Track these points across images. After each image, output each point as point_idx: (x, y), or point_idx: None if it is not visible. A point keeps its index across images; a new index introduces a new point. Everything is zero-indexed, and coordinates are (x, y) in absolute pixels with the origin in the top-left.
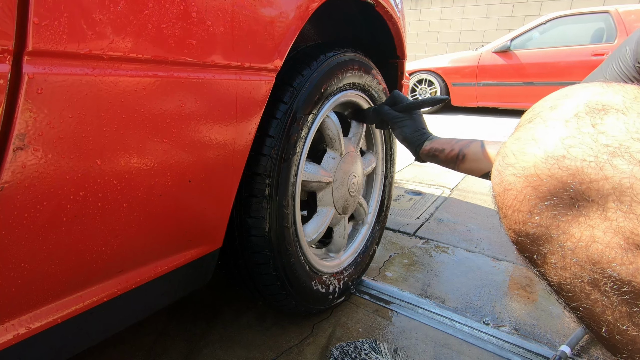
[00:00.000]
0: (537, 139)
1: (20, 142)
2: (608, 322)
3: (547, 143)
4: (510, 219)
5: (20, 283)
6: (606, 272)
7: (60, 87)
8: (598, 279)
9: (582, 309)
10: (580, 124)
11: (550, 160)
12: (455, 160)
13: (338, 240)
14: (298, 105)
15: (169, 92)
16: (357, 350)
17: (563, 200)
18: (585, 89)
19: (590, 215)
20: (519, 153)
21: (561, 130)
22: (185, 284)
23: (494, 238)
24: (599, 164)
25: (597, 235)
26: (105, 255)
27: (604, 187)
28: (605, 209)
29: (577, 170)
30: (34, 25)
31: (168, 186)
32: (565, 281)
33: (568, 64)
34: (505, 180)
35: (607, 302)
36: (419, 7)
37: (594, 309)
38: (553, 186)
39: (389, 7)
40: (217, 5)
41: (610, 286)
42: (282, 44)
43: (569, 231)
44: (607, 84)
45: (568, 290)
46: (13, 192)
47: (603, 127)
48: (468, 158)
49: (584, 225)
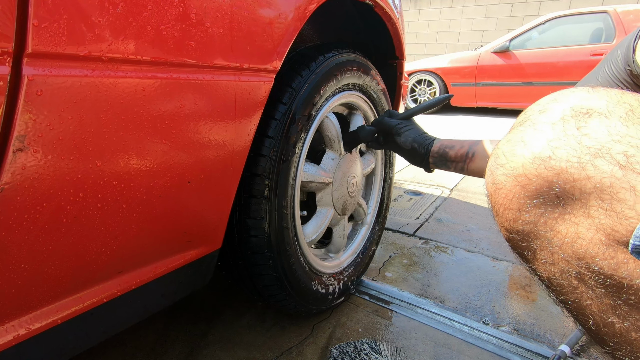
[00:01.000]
0: (525, 141)
1: (20, 144)
2: (594, 315)
3: (534, 145)
4: (502, 216)
5: (20, 284)
6: (590, 267)
7: (60, 88)
8: (584, 273)
9: (570, 303)
10: (566, 127)
11: (537, 160)
12: (465, 159)
13: (337, 240)
14: (297, 106)
15: (168, 93)
16: (356, 351)
17: (550, 199)
18: (573, 93)
19: (574, 212)
20: (509, 154)
21: (548, 132)
22: (185, 285)
23: (493, 238)
24: (582, 164)
25: (581, 232)
26: (105, 256)
27: (586, 186)
28: (588, 207)
29: (562, 170)
30: (34, 27)
31: (167, 187)
32: (554, 276)
33: (567, 63)
34: (496, 179)
35: (592, 295)
36: (418, 8)
37: (581, 302)
38: (540, 185)
39: (387, 8)
40: (216, 7)
41: (595, 280)
42: (281, 45)
43: (556, 228)
44: (593, 88)
45: (557, 285)
46: (13, 193)
47: (587, 129)
48: (477, 155)
49: (569, 222)
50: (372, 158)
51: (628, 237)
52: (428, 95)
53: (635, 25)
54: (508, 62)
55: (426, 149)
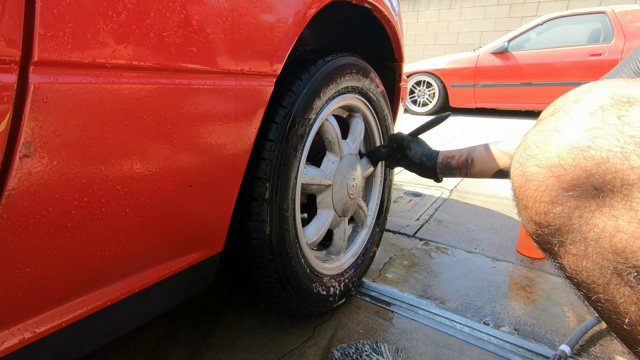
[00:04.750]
0: (561, 130)
1: (26, 150)
2: (631, 313)
3: (571, 134)
4: (532, 209)
5: (26, 288)
6: (630, 262)
7: (65, 95)
8: (622, 268)
9: (603, 301)
10: (606, 116)
11: (575, 150)
12: (466, 165)
13: (338, 242)
14: (297, 109)
15: (170, 99)
16: (358, 352)
17: (586, 191)
18: (609, 83)
19: (614, 205)
20: (542, 144)
21: (586, 121)
22: (187, 288)
23: (493, 239)
24: (625, 154)
25: (621, 225)
26: (109, 260)
27: (630, 177)
28: (630, 199)
29: (603, 160)
30: (40, 37)
31: (170, 191)
32: (586, 271)
33: (565, 64)
34: (527, 171)
35: (630, 291)
36: (416, 9)
37: (616, 299)
38: (577, 176)
39: (385, 11)
40: (217, 13)
41: (635, 276)
42: (281, 49)
43: (592, 221)
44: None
45: (589, 282)
46: (19, 198)
47: (629, 118)
48: (476, 160)
49: (608, 215)
50: None
51: None
52: (427, 96)
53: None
54: (507, 63)
55: (433, 162)
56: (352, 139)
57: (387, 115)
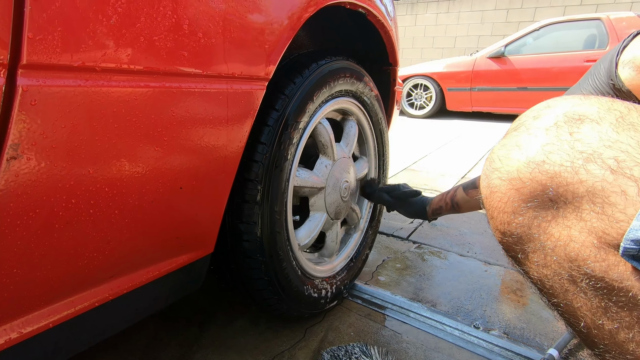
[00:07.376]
0: (520, 146)
1: (13, 152)
2: (586, 317)
3: (529, 149)
4: (496, 219)
5: (12, 288)
6: (582, 269)
7: (54, 98)
8: (575, 275)
9: (562, 305)
10: (560, 132)
11: (532, 164)
12: (455, 209)
13: (330, 245)
14: (290, 112)
15: (160, 102)
16: (347, 354)
17: (543, 202)
18: (566, 100)
19: (567, 216)
20: (504, 158)
21: (542, 137)
22: (178, 289)
23: (486, 242)
24: (575, 168)
25: (573, 235)
26: (97, 261)
27: (579, 190)
28: (580, 210)
29: (555, 174)
30: (29, 40)
31: (160, 193)
32: (546, 278)
33: (561, 69)
34: (491, 183)
35: (584, 297)
36: (414, 13)
37: (573, 304)
38: (534, 189)
39: (380, 16)
40: (209, 17)
41: (587, 282)
42: (274, 53)
43: (549, 231)
44: (585, 96)
45: (549, 288)
46: (6, 200)
47: (579, 135)
48: (461, 204)
49: (562, 225)
50: (365, 163)
51: (619, 240)
52: (424, 99)
53: (628, 32)
54: (503, 67)
55: (424, 216)
56: (346, 142)
57: (382, 119)
